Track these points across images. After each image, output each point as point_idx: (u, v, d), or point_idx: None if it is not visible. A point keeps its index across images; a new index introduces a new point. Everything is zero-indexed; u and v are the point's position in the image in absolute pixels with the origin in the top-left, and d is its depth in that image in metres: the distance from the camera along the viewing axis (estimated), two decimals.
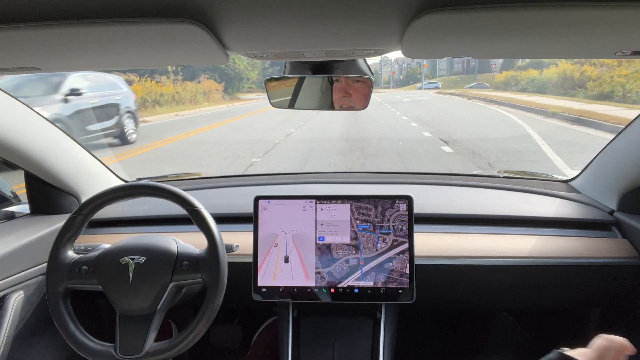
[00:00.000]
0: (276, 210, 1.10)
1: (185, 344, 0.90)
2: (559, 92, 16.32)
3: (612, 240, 1.18)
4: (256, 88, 40.24)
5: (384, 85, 64.92)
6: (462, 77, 51.91)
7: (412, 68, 64.41)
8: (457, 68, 65.10)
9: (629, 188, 1.19)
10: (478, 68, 50.23)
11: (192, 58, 0.73)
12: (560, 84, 16.72)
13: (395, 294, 1.06)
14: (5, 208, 1.33)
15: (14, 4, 0.49)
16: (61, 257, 0.95)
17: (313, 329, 1.15)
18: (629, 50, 0.65)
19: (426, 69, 58.57)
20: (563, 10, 0.50)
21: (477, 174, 1.78)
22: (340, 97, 1.00)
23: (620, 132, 1.22)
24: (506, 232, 1.21)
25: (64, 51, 0.65)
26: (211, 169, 5.76)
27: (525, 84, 21.41)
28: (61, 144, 1.24)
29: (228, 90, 27.77)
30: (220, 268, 0.92)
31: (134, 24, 0.54)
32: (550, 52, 0.73)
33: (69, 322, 0.92)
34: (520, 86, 21.87)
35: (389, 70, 68.05)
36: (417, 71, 62.54)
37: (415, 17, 0.52)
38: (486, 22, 0.54)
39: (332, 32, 0.62)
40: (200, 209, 0.96)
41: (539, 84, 19.81)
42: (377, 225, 1.08)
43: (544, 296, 1.22)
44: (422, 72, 56.72)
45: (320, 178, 1.62)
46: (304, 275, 1.08)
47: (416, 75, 61.57)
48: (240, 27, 0.59)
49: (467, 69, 58.79)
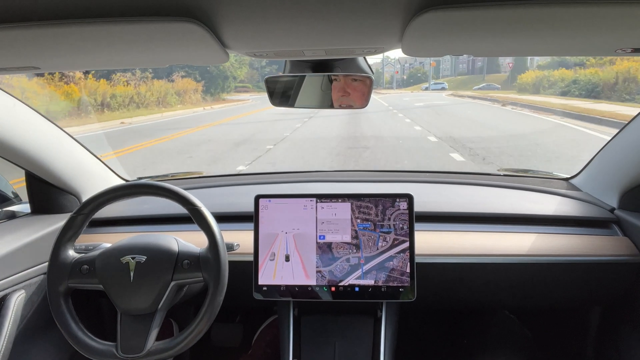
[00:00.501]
0: (277, 209, 1.10)
1: (187, 342, 0.90)
2: (621, 97, 13.30)
3: (613, 238, 1.18)
4: (251, 87, 38.40)
5: (386, 85, 62.79)
6: (468, 78, 49.54)
7: (416, 68, 62.38)
8: (462, 68, 63.06)
9: (629, 186, 1.19)
10: (486, 68, 47.81)
11: (192, 57, 0.73)
12: (622, 88, 13.62)
13: (396, 293, 1.06)
14: (6, 207, 1.33)
15: (14, 4, 0.49)
16: (62, 256, 0.95)
17: (314, 328, 1.15)
18: (629, 47, 0.65)
19: (429, 70, 57.45)
20: (563, 7, 0.50)
21: (477, 172, 1.78)
22: (340, 97, 1.00)
23: (621, 130, 1.22)
24: (507, 230, 1.20)
25: (63, 50, 0.65)
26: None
27: (566, 86, 17.75)
28: (62, 143, 1.25)
29: (210, 90, 24.96)
30: (221, 267, 0.93)
31: (133, 23, 0.54)
32: (550, 50, 0.73)
33: (70, 322, 0.92)
34: (558, 88, 18.54)
35: (391, 70, 65.98)
36: (420, 71, 61.27)
37: (416, 15, 0.52)
38: (486, 20, 0.54)
39: (332, 30, 0.61)
40: (201, 207, 0.96)
41: (589, 85, 16.16)
42: (378, 224, 1.08)
43: (545, 294, 1.22)
44: (430, 72, 55.06)
45: (320, 177, 1.62)
46: (304, 273, 1.08)
47: (419, 75, 60.44)
48: (240, 26, 0.58)
49: (473, 69, 56.65)
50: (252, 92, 37.61)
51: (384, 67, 63.22)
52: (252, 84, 42.01)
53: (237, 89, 36.71)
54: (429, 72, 55.73)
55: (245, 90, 38.16)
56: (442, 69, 66.81)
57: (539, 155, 6.15)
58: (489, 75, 45.77)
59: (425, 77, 59.38)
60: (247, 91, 37.37)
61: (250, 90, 38.27)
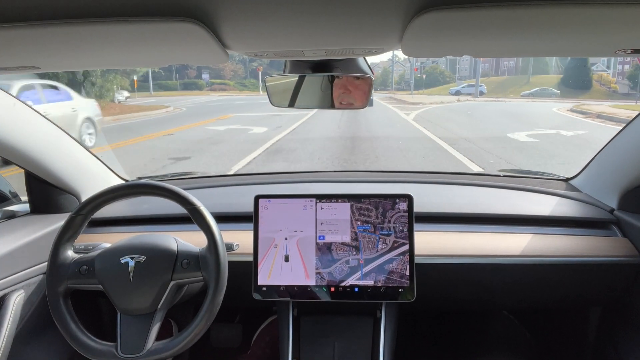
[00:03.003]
0: (276, 210, 1.10)
1: (187, 342, 0.90)
2: None
3: (612, 238, 1.18)
4: (232, 85, 31.22)
5: (394, 86, 52.13)
6: (509, 79, 38.22)
7: (432, 66, 49.19)
8: (484, 68, 49.54)
9: (629, 187, 1.19)
10: (533, 67, 36.68)
11: (192, 57, 0.73)
12: None
13: (395, 293, 1.06)
14: (5, 207, 1.33)
15: (14, 4, 0.49)
16: (61, 257, 0.95)
17: (313, 328, 1.15)
18: (629, 48, 0.65)
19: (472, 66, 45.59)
20: (563, 8, 0.50)
21: (477, 172, 1.78)
22: (340, 94, 1.00)
23: (621, 131, 1.22)
24: (506, 231, 1.20)
25: (63, 50, 0.65)
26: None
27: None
28: (61, 143, 1.24)
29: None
30: (220, 265, 0.93)
31: (133, 22, 0.54)
32: (550, 51, 0.73)
33: (70, 323, 0.92)
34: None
35: (399, 68, 54.07)
36: (437, 70, 49.28)
37: (416, 16, 0.52)
38: (486, 21, 0.54)
39: (332, 30, 0.62)
40: (200, 207, 0.96)
41: None
42: (378, 227, 1.08)
43: (544, 295, 1.22)
44: (460, 69, 43.00)
45: (320, 177, 1.62)
46: (303, 274, 1.08)
47: (438, 76, 48.47)
48: (239, 26, 0.59)
49: (516, 68, 43.26)
50: (231, 91, 32.72)
51: (392, 66, 51.51)
52: (235, 80, 37.23)
53: (212, 86, 32.09)
54: (460, 70, 44.16)
55: (223, 88, 32.96)
56: (458, 69, 53.91)
57: None
58: (535, 77, 35.98)
59: (443, 77, 48.56)
60: (225, 90, 32.21)
61: (229, 89, 33.53)
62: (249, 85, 40.47)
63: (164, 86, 40.84)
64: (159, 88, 39.42)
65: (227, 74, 43.84)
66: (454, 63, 53.44)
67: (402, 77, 54.07)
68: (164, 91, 37.61)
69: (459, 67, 53.88)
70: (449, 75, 50.92)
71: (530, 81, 34.60)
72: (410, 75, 41.94)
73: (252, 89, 38.60)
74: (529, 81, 34.78)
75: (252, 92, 35.43)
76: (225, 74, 44.42)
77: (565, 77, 32.03)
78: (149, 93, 31.59)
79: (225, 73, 43.94)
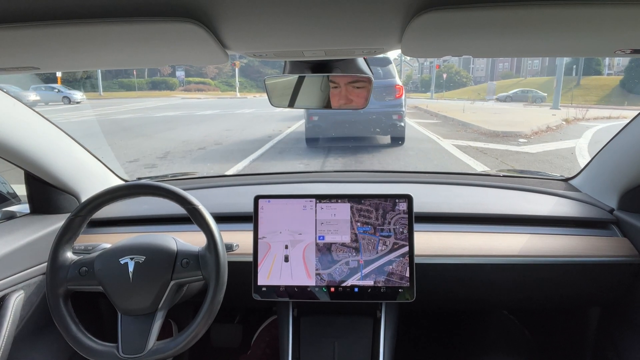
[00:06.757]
0: (276, 210, 1.10)
1: (187, 342, 0.90)
2: None
3: (612, 238, 1.18)
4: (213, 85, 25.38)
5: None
6: (550, 80, 26.25)
7: (447, 65, 39.95)
8: (504, 68, 42.77)
9: (628, 186, 1.19)
10: (583, 67, 27.77)
11: (192, 57, 0.73)
12: None
13: (395, 293, 1.06)
14: (5, 208, 1.33)
15: (14, 4, 0.49)
16: (60, 258, 0.95)
17: (313, 328, 1.15)
18: (628, 48, 0.65)
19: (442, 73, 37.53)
20: (563, 8, 0.50)
21: (477, 172, 1.78)
22: (342, 104, 1.00)
23: (620, 131, 1.22)
24: (506, 231, 1.21)
25: (63, 51, 0.65)
26: None
27: None
28: (61, 143, 1.24)
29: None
30: (220, 264, 0.93)
31: (133, 23, 0.54)
32: (549, 51, 0.73)
33: (70, 324, 0.92)
34: None
35: (405, 68, 43.60)
36: (452, 69, 41.20)
37: (415, 16, 0.52)
38: (486, 21, 0.54)
39: (332, 31, 0.62)
40: (199, 206, 0.96)
41: None
42: (378, 228, 1.08)
43: (544, 295, 1.22)
44: (474, 69, 35.49)
45: (320, 177, 1.62)
46: (303, 274, 1.08)
47: (454, 76, 40.31)
48: (239, 26, 0.58)
49: (556, 68, 29.81)
50: (211, 91, 27.68)
51: (401, 64, 36.60)
52: (219, 79, 31.83)
53: (187, 86, 25.88)
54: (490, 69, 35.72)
55: (200, 88, 28.53)
56: (472, 69, 46.46)
57: None
58: (586, 78, 27.87)
59: (460, 78, 40.35)
60: (204, 90, 27.77)
61: (208, 89, 28.88)
62: (236, 85, 33.88)
63: (126, 85, 34.30)
64: (120, 87, 33.71)
65: (209, 71, 37.67)
66: (468, 62, 46.35)
67: (409, 78, 46.78)
68: (125, 91, 31.72)
69: (474, 67, 47.69)
70: (466, 75, 43.69)
71: (580, 83, 27.11)
72: (432, 75, 35.02)
73: (223, 89, 33.45)
74: (578, 83, 27.21)
75: (223, 93, 30.08)
76: (207, 72, 37.89)
77: (626, 78, 24.87)
78: (98, 94, 26.40)
79: (208, 71, 37.58)
